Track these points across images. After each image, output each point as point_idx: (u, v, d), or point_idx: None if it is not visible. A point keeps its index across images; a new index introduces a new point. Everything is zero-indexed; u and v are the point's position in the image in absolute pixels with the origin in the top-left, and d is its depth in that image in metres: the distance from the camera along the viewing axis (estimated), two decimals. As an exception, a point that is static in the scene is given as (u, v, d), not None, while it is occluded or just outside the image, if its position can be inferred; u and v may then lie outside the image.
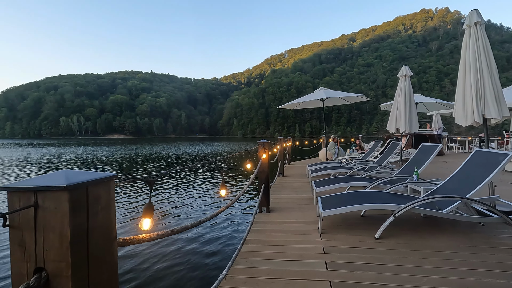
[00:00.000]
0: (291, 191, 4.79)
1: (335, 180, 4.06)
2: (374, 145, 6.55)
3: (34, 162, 16.91)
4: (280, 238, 2.64)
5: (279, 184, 5.40)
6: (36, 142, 61.40)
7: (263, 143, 3.41)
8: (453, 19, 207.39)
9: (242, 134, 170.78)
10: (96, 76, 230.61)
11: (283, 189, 4.98)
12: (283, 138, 6.68)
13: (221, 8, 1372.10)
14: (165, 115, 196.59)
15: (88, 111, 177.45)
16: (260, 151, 3.40)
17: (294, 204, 3.89)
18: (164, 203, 6.54)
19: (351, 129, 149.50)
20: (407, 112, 5.41)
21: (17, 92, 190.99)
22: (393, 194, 3.04)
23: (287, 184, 5.41)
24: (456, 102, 3.33)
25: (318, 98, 6.87)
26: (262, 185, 3.43)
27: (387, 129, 5.76)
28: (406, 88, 5.49)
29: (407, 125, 5.39)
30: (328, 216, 2.94)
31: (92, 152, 26.64)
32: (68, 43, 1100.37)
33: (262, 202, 3.46)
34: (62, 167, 14.68)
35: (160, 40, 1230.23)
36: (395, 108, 5.61)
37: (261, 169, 3.44)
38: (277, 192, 4.68)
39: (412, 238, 2.50)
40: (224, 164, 14.02)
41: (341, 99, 7.99)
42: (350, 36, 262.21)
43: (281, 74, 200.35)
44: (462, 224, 2.79)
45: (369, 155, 6.27)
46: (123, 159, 18.81)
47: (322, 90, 7.18)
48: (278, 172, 6.39)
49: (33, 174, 11.61)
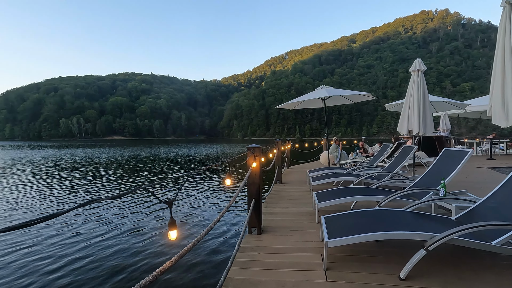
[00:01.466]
0: (289, 203, 4.13)
1: (341, 192, 3.40)
2: (383, 148, 5.89)
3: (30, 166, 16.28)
4: (273, 277, 1.99)
5: (276, 194, 4.74)
6: (35, 144, 60.81)
7: (253, 148, 2.77)
8: (453, 21, 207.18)
9: (242, 136, 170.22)
10: (96, 78, 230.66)
11: (280, 200, 4.32)
12: (281, 140, 6.01)
13: (221, 10, 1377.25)
14: (165, 117, 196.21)
15: (88, 112, 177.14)
16: (249, 159, 2.75)
17: (292, 221, 3.22)
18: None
19: (352, 131, 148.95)
20: (421, 111, 4.76)
21: (17, 93, 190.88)
22: (418, 215, 2.38)
23: (285, 194, 4.75)
24: (492, 99, 2.68)
25: (319, 96, 6.22)
26: (252, 200, 2.77)
27: (398, 130, 5.11)
28: (420, 84, 4.84)
29: (421, 126, 4.74)
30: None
31: (93, 154, 26.03)
32: (68, 45, 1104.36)
33: (252, 221, 2.80)
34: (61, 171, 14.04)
35: (160, 42, 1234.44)
36: (407, 107, 4.97)
37: (251, 180, 2.79)
38: (273, 205, 4.02)
39: (449, 278, 1.87)
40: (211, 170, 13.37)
41: (344, 98, 7.35)
42: (350, 38, 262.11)
43: (281, 76, 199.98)
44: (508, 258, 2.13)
45: (377, 160, 5.61)
46: (134, 162, 18.16)
47: (324, 89, 6.54)
48: (275, 179, 5.73)
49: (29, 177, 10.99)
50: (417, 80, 4.86)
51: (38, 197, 7.77)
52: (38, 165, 16.39)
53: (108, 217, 5.65)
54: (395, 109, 10.65)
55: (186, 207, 6.45)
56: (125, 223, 5.21)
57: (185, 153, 27.30)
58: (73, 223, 5.30)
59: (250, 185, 2.81)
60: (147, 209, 6.22)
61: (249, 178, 2.77)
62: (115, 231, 4.84)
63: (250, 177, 2.77)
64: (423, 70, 4.88)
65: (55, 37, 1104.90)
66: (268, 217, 3.39)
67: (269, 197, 4.49)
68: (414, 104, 4.81)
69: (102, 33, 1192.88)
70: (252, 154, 2.75)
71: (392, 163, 4.74)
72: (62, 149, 37.42)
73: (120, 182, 10.36)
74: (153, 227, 4.96)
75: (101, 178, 11.49)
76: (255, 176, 2.79)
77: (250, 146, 2.78)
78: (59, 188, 9.19)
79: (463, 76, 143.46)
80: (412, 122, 4.81)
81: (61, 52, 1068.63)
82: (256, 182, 2.80)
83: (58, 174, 12.63)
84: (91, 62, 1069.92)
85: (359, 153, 9.01)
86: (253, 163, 2.74)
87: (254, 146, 2.78)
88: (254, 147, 2.78)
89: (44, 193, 8.36)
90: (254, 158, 2.75)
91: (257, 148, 2.79)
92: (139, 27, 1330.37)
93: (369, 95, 6.38)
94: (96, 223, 5.29)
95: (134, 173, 12.99)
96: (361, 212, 2.56)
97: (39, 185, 9.74)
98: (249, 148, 2.78)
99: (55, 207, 6.79)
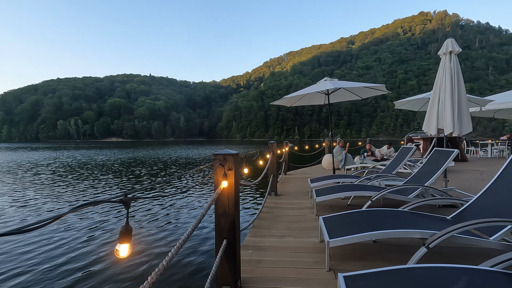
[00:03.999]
0: (285, 228, 3.03)
1: (363, 221, 2.31)
2: (402, 152, 4.78)
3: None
4: None
5: (269, 213, 3.65)
6: (34, 146, 59.45)
7: (223, 157, 1.68)
8: (451, 22, 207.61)
9: (241, 137, 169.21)
10: (95, 79, 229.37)
11: (274, 223, 3.22)
12: (276, 143, 4.91)
13: (220, 12, 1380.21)
14: (163, 118, 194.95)
15: (86, 114, 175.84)
16: (217, 174, 1.67)
17: (291, 270, 2.12)
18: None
19: (351, 132, 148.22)
20: (456, 106, 3.69)
21: (15, 95, 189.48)
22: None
23: (281, 213, 3.66)
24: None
25: (323, 89, 5.15)
26: (223, 241, 1.68)
27: (424, 130, 4.03)
28: (453, 70, 3.77)
29: (456, 125, 3.67)
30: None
31: (90, 156, 24.84)
32: (66, 47, 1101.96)
33: (223, 275, 1.71)
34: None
35: (159, 43, 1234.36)
36: (436, 101, 3.89)
37: (220, 209, 1.70)
38: (263, 231, 2.92)
39: None
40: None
41: (351, 93, 6.28)
42: (349, 39, 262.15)
43: (280, 77, 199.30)
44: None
45: (396, 166, 4.50)
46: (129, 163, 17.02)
47: (328, 81, 5.47)
48: (269, 191, 4.64)
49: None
50: (449, 65, 3.79)
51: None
52: (14, 170, 15.23)
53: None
54: (405, 107, 9.62)
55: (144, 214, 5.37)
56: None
57: (180, 155, 26.20)
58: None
59: (219, 218, 1.72)
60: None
61: (217, 205, 1.69)
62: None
63: (219, 204, 1.69)
64: (457, 52, 3.81)
65: (53, 39, 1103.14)
66: (253, 258, 2.29)
67: (260, 218, 3.40)
68: (446, 96, 3.74)
69: (100, 34, 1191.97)
70: (222, 166, 1.66)
71: (421, 172, 3.65)
72: (46, 151, 36.18)
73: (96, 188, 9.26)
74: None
75: (77, 184, 10.38)
76: (228, 202, 1.71)
77: (220, 153, 1.69)
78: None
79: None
80: (444, 120, 3.74)
81: (59, 54, 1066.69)
82: (230, 212, 1.71)
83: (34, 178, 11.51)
84: (90, 63, 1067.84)
85: (367, 157, 7.93)
86: (222, 182, 1.65)
87: (227, 153, 1.69)
88: (226, 154, 1.69)
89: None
90: (225, 173, 1.66)
91: (231, 156, 1.70)
92: (138, 28, 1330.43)
93: (382, 88, 5.31)
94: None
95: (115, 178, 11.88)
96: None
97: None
98: (217, 156, 1.69)
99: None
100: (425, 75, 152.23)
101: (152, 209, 6.35)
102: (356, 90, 6.03)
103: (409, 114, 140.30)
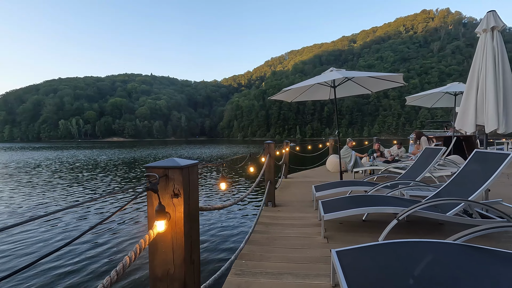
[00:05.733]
0: (284, 259, 2.24)
1: (401, 269, 1.52)
2: (429, 153, 3.88)
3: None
4: None
5: (263, 234, 2.86)
6: (34, 146, 58.98)
7: (162, 172, 0.90)
8: (454, 20, 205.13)
9: (243, 137, 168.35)
10: (96, 79, 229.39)
11: (269, 250, 2.44)
12: (274, 143, 4.11)
13: (221, 11, 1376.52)
14: (165, 118, 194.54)
15: (88, 114, 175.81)
16: (149, 205, 0.89)
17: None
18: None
19: (353, 131, 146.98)
20: (500, 95, 2.89)
21: (16, 95, 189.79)
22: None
23: (279, 232, 2.88)
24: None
25: (329, 79, 4.36)
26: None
27: (457, 127, 3.23)
28: (497, 51, 2.97)
29: (502, 119, 2.87)
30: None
31: (89, 155, 24.16)
32: (68, 46, 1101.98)
33: None
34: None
35: (160, 43, 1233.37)
36: (473, 91, 3.09)
37: (157, 269, 0.93)
38: (253, 266, 2.13)
39: None
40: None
41: (361, 86, 5.46)
42: (351, 38, 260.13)
43: (282, 76, 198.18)
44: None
45: (421, 171, 3.62)
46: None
47: (334, 71, 4.68)
48: (266, 201, 3.86)
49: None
50: (491, 46, 2.98)
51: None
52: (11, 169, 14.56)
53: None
54: (417, 103, 8.80)
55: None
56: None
57: (182, 154, 25.45)
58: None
59: (156, 283, 0.95)
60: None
61: (152, 260, 0.92)
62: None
63: (155, 258, 0.92)
64: (501, 28, 3.00)
65: (54, 39, 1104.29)
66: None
67: (250, 242, 2.61)
68: (487, 84, 2.94)
69: (102, 34, 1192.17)
70: (155, 193, 0.88)
71: (458, 181, 2.83)
72: (47, 150, 35.58)
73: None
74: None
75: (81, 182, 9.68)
76: (173, 255, 0.93)
77: (157, 165, 0.92)
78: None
79: (465, 75, 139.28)
80: (485, 114, 2.94)
81: (61, 54, 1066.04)
82: (176, 275, 0.94)
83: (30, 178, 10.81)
84: (91, 63, 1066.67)
85: (376, 158, 7.13)
86: (157, 223, 0.87)
87: (170, 166, 0.92)
88: (170, 167, 0.91)
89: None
90: (161, 204, 0.88)
91: (179, 172, 0.92)
92: (140, 28, 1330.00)
93: (399, 78, 4.49)
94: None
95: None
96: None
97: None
98: (151, 171, 0.92)
99: None
100: (427, 73, 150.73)
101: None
102: (367, 82, 5.22)
103: (411, 113, 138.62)
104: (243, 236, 4.41)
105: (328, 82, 5.09)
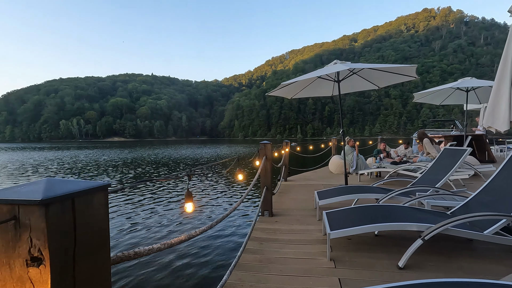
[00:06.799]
0: (279, 286, 1.80)
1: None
2: (446, 156, 3.44)
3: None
4: None
5: (257, 254, 2.40)
6: (34, 146, 58.72)
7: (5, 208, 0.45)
8: (455, 18, 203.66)
9: (244, 136, 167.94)
10: (97, 79, 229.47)
11: (263, 277, 1.99)
12: (271, 143, 3.64)
13: (222, 10, 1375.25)
14: (165, 118, 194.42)
15: (88, 114, 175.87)
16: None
17: None
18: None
19: (354, 130, 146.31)
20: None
21: (17, 95, 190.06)
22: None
23: (276, 251, 2.42)
24: None
25: (332, 72, 3.89)
26: None
27: (485, 125, 2.77)
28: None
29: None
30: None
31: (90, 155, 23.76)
32: (69, 46, 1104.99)
33: None
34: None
35: (161, 43, 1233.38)
36: (505, 84, 2.62)
37: None
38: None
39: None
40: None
41: (367, 81, 4.98)
42: (352, 37, 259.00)
43: (282, 75, 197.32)
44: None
45: (442, 178, 3.14)
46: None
47: (338, 63, 4.21)
48: (262, 209, 3.40)
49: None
50: (527, 29, 2.52)
51: None
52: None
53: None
54: (425, 100, 8.29)
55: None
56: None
57: (183, 154, 25.02)
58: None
59: None
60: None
61: None
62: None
63: None
64: (540, 8, 2.53)
65: (55, 39, 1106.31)
66: None
67: (239, 267, 2.14)
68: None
69: (102, 34, 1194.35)
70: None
71: (493, 188, 2.36)
72: (65, 151, 35.25)
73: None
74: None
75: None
76: None
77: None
78: None
79: (467, 74, 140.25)
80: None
81: (62, 54, 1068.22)
82: None
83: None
84: (92, 63, 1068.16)
85: (383, 159, 6.64)
86: None
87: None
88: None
89: None
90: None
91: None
92: (140, 28, 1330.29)
93: (411, 71, 4.01)
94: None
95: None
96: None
97: None
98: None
99: None
100: (429, 72, 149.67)
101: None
102: (374, 77, 4.75)
103: (412, 112, 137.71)
104: (230, 258, 3.57)
105: (331, 76, 4.61)
